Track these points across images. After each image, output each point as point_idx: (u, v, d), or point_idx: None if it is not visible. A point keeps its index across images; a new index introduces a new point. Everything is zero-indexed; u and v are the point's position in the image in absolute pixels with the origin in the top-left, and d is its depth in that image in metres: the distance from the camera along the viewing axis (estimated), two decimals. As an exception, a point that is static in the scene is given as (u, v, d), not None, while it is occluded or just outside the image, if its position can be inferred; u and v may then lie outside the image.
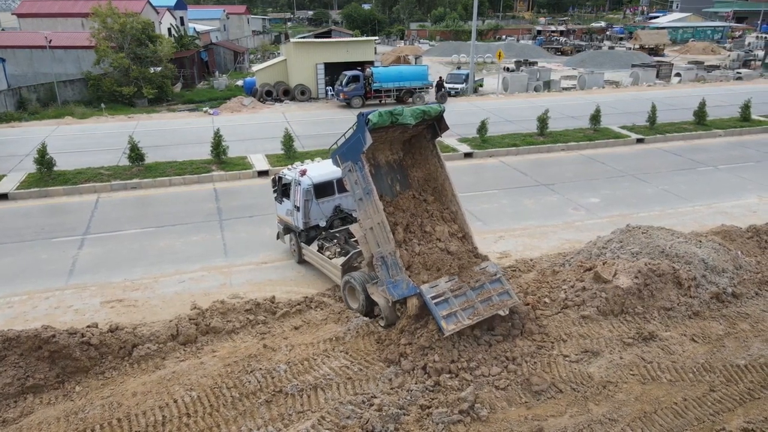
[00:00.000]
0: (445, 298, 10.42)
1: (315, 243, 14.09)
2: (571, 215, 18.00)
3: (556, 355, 10.57)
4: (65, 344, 10.07)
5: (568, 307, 11.98)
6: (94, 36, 37.73)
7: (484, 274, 11.02)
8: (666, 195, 19.61)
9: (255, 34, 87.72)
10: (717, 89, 40.53)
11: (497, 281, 11.03)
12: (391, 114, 10.73)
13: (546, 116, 26.02)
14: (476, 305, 10.54)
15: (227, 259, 15.15)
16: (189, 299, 13.11)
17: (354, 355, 10.77)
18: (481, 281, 10.86)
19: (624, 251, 13.39)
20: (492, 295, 10.77)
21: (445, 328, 10.11)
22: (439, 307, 10.28)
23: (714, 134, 27.23)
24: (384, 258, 10.99)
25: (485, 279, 10.93)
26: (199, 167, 21.91)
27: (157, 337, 11.04)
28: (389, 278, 10.95)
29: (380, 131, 10.98)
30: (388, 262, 10.89)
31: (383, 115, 10.60)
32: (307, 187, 13.68)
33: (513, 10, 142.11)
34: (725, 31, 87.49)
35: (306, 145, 25.30)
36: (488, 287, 10.85)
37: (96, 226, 17.25)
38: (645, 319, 11.59)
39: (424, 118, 11.20)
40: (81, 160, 22.98)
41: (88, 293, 13.42)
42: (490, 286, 10.89)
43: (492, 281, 10.98)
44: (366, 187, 10.88)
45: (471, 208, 18.43)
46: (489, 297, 10.74)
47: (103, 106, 34.74)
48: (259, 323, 11.88)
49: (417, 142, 12.12)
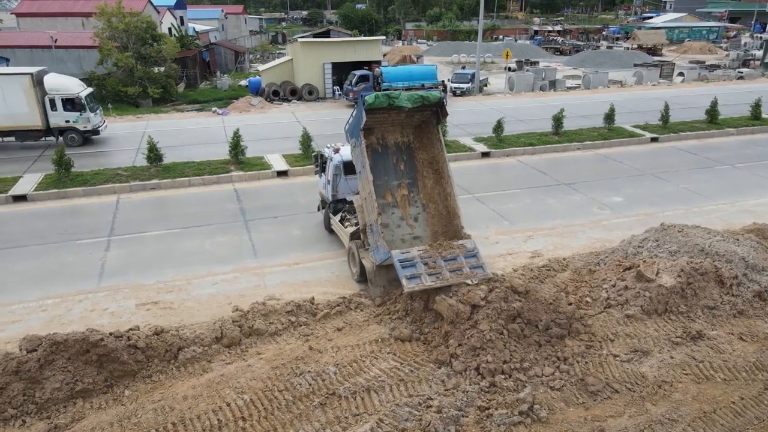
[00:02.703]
0: (413, 262, 11.43)
1: (340, 215, 15.32)
2: (597, 214, 17.99)
3: (606, 355, 10.52)
4: (113, 347, 9.89)
5: (612, 306, 11.95)
6: (98, 35, 37.32)
7: (460, 248, 11.89)
8: (688, 193, 19.65)
9: (252, 34, 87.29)
10: (721, 88, 40.77)
11: (473, 256, 11.83)
12: (388, 97, 12.06)
13: (561, 115, 26.02)
14: (443, 272, 11.41)
15: (258, 260, 14.99)
16: (225, 301, 12.96)
17: (402, 356, 10.67)
18: (455, 253, 11.74)
19: (661, 250, 13.38)
20: (463, 266, 11.60)
21: (405, 287, 11.16)
22: (406, 270, 11.31)
23: (726, 133, 27.37)
24: (371, 226, 12.19)
25: (459, 252, 11.79)
26: (218, 167, 21.70)
27: (201, 340, 10.87)
28: (374, 244, 12.13)
29: (380, 113, 12.31)
30: (374, 229, 12.06)
31: (380, 97, 11.98)
32: (337, 163, 14.99)
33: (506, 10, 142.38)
34: (720, 31, 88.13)
35: (320, 144, 25.07)
36: (461, 260, 11.69)
37: (120, 228, 17.02)
38: (690, 318, 11.58)
39: (424, 104, 12.42)
40: (96, 161, 22.70)
41: (121, 295, 13.22)
42: (464, 259, 11.72)
43: (467, 255, 11.79)
44: (362, 161, 12.19)
45: (496, 208, 18.40)
46: (459, 268, 11.57)
47: (110, 106, 34.36)
48: (301, 325, 11.74)
49: (425, 127, 13.37)
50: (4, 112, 23.99)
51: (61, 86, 24.92)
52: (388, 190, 13.30)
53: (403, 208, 13.35)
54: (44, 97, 24.45)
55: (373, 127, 13.20)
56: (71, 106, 24.68)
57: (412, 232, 13.17)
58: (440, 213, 13.35)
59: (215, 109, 34.87)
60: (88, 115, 25.14)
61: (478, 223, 16.94)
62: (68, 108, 24.64)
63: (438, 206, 13.38)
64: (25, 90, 24.04)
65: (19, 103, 23.95)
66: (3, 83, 23.87)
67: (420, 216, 13.36)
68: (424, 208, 13.42)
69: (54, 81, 25.01)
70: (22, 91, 23.99)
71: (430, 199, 13.47)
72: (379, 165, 13.26)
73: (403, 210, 13.34)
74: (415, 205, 13.43)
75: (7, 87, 23.86)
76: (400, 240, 13.01)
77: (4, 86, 23.85)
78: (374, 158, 13.14)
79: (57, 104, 24.50)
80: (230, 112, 34.57)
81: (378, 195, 12.65)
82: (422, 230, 13.23)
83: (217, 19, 75.55)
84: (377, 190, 12.69)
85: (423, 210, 13.41)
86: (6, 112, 23.98)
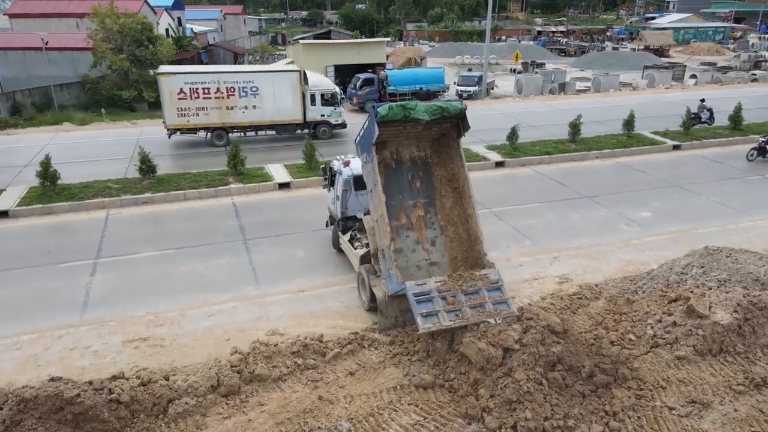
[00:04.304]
0: (430, 297, 10.19)
1: (349, 233, 14.18)
2: (626, 231, 16.64)
3: (661, 408, 9.16)
4: (91, 404, 8.51)
5: (659, 345, 10.58)
6: (92, 37, 35.97)
7: (482, 280, 10.59)
8: (721, 208, 18.30)
9: (252, 34, 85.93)
10: (736, 91, 39.43)
11: (497, 289, 10.58)
12: (404, 108, 10.77)
13: (578, 122, 24.65)
14: (463, 309, 10.17)
15: (259, 286, 13.61)
16: (222, 336, 11.58)
17: (425, 408, 9.31)
18: (477, 286, 10.45)
19: (709, 278, 12.03)
20: (486, 302, 10.33)
21: (420, 326, 9.91)
22: (421, 305, 10.06)
23: (752, 140, 25.95)
24: (383, 251, 10.98)
25: (482, 284, 10.51)
26: (215, 179, 20.30)
27: (195, 389, 9.48)
28: (386, 272, 10.91)
29: (394, 125, 11.07)
30: (386, 255, 10.83)
31: (394, 109, 10.70)
32: (347, 177, 13.88)
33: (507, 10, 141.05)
34: (726, 31, 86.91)
35: (324, 154, 23.77)
36: (484, 293, 10.43)
37: (108, 248, 15.64)
38: (748, 360, 10.20)
39: (443, 115, 11.11)
40: (85, 172, 21.29)
41: (106, 330, 11.83)
42: (486, 293, 10.46)
43: (490, 289, 10.53)
44: (374, 179, 11.00)
45: (516, 224, 17.05)
46: (481, 303, 10.31)
47: (104, 111, 33.01)
48: (308, 368, 10.36)
49: (444, 140, 12.10)
50: (272, 106, 25.62)
51: (321, 83, 26.91)
52: (402, 210, 11.92)
53: (418, 231, 11.97)
54: (305, 93, 26.16)
55: (387, 140, 11.87)
56: (327, 102, 26.46)
57: (428, 258, 11.79)
58: (460, 237, 11.97)
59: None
60: (340, 110, 27.12)
61: (499, 243, 15.59)
62: (325, 103, 26.42)
63: (458, 229, 12.00)
64: (293, 87, 25.82)
65: (285, 98, 25.71)
66: (275, 80, 25.60)
67: (437, 240, 11.98)
68: (442, 230, 12.04)
69: (315, 78, 27.03)
70: (290, 88, 25.77)
71: (449, 221, 12.09)
72: (393, 182, 11.90)
73: (419, 233, 11.95)
74: (432, 227, 12.04)
75: (278, 84, 25.56)
76: (416, 267, 11.64)
77: (275, 83, 25.52)
78: (387, 175, 11.83)
79: (316, 100, 26.27)
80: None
81: (391, 216, 11.35)
82: (440, 256, 11.85)
83: (215, 20, 74.27)
84: (390, 210, 11.34)
85: (441, 233, 12.02)
86: (274, 106, 25.64)
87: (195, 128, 25.47)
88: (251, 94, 25.12)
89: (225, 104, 25.03)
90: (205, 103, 24.78)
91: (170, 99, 24.44)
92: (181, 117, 24.82)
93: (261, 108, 25.48)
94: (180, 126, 25.16)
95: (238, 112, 25.28)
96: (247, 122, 25.74)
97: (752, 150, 23.16)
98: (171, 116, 24.78)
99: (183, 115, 24.77)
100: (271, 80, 25.49)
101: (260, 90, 25.22)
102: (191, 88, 24.44)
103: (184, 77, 24.68)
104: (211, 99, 24.78)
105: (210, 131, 25.66)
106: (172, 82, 24.41)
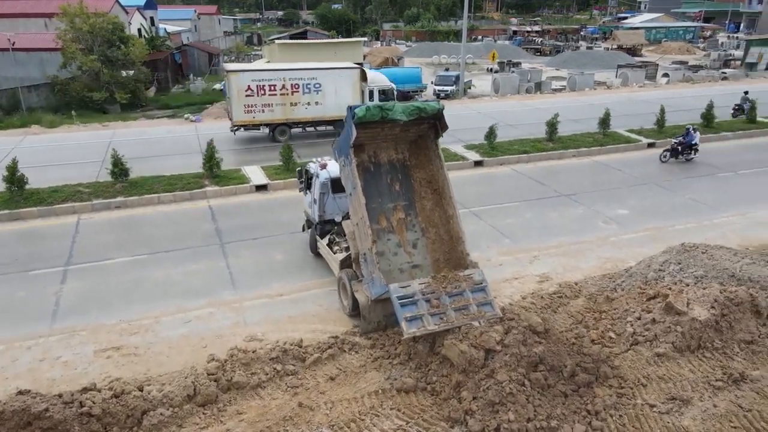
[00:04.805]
0: (415, 300, 10.08)
1: (328, 237, 13.97)
2: (604, 229, 16.74)
3: (642, 405, 9.17)
4: (61, 418, 8.19)
5: (639, 343, 10.62)
6: (61, 37, 35.06)
7: (466, 281, 10.49)
8: (695, 204, 18.55)
9: (227, 35, 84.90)
10: (708, 90, 40.19)
11: (481, 290, 10.51)
12: (381, 109, 10.64)
13: (556, 121, 24.79)
14: (448, 312, 10.08)
15: (236, 291, 13.33)
16: (199, 343, 11.30)
17: (408, 412, 9.18)
18: (461, 288, 10.35)
19: (686, 274, 12.14)
20: (470, 304, 10.25)
21: (404, 331, 9.81)
22: (405, 309, 9.94)
23: (723, 137, 26.50)
24: (365, 255, 10.84)
25: (466, 286, 10.41)
26: (191, 182, 19.88)
27: (170, 399, 9.20)
28: (368, 276, 10.77)
29: (372, 127, 10.94)
30: (368, 259, 10.68)
31: (371, 109, 10.55)
32: (324, 180, 13.62)
33: (482, 10, 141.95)
34: (696, 31, 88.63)
35: (302, 155, 23.49)
36: (468, 295, 10.34)
37: (79, 255, 15.17)
38: (726, 355, 10.31)
39: (421, 116, 11.00)
40: (55, 176, 20.66)
41: (77, 340, 11.44)
42: (471, 294, 10.37)
43: (474, 290, 10.45)
44: (353, 182, 10.88)
45: (496, 224, 17.04)
46: (466, 305, 10.23)
47: (74, 113, 32.19)
48: (288, 374, 10.15)
49: (422, 142, 12.01)
50: (333, 102, 26.11)
51: (379, 80, 28.12)
52: (382, 213, 11.79)
53: (399, 234, 11.84)
54: (364, 89, 26.95)
55: (365, 143, 11.77)
56: (384, 97, 27.31)
57: (410, 261, 11.68)
58: (441, 238, 11.88)
59: (188, 115, 32.86)
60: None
61: (479, 242, 15.53)
62: (382, 98, 27.12)
63: (439, 230, 11.91)
64: (353, 83, 26.55)
65: (346, 94, 26.22)
66: (337, 76, 26.28)
67: (419, 242, 11.87)
68: (423, 233, 11.93)
69: (373, 75, 28.35)
70: (350, 84, 26.46)
71: (430, 223, 11.99)
72: (372, 186, 11.77)
73: (400, 236, 11.83)
74: (413, 230, 11.93)
75: (340, 80, 26.29)
76: (398, 270, 11.50)
77: (337, 79, 26.24)
78: (366, 178, 11.69)
79: (375, 95, 27.11)
80: (204, 118, 32.66)
81: (371, 219, 11.17)
82: (422, 258, 11.74)
83: (189, 20, 73.16)
84: (370, 213, 11.17)
85: (422, 235, 11.92)
86: (335, 102, 26.03)
87: (259, 124, 25.95)
88: (314, 90, 25.89)
89: (289, 101, 25.70)
90: (271, 100, 25.44)
91: (238, 96, 24.95)
92: (248, 113, 25.29)
93: (323, 104, 26.17)
94: (246, 122, 25.60)
95: (301, 108, 25.97)
96: (309, 118, 26.39)
97: (665, 151, 23.10)
98: (238, 113, 25.20)
99: (249, 111, 25.25)
100: (333, 77, 26.21)
101: (323, 87, 25.94)
102: (258, 85, 25.09)
103: (251, 75, 25.37)
104: (276, 96, 25.43)
105: (273, 127, 26.22)
106: (241, 79, 24.96)
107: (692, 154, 22.93)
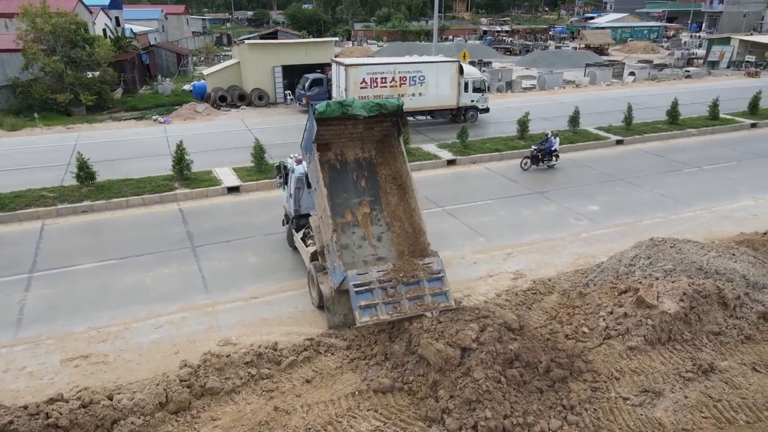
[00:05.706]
0: (371, 288, 10.21)
1: (302, 231, 14.11)
2: (575, 226, 16.97)
3: (616, 398, 9.31)
4: (26, 431, 7.89)
5: (612, 337, 10.78)
6: (22, 38, 33.93)
7: (424, 270, 10.60)
8: (663, 199, 18.95)
9: (195, 35, 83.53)
10: (672, 88, 41.16)
11: (437, 279, 10.62)
12: (341, 105, 10.87)
13: (527, 119, 25.08)
14: (402, 302, 10.24)
15: (209, 295, 13.09)
16: (171, 349, 11.05)
17: (385, 412, 9.13)
18: (418, 277, 10.47)
19: (656, 269, 12.35)
20: (425, 294, 10.41)
21: (357, 319, 10.03)
22: (360, 297, 10.09)
23: (688, 134, 27.16)
24: (328, 246, 10.99)
25: (424, 275, 10.52)
26: (160, 185, 19.46)
27: (142, 408, 8.97)
28: (331, 266, 10.94)
29: (335, 124, 11.22)
30: (329, 249, 10.84)
31: (332, 105, 10.82)
32: (300, 175, 13.80)
33: (452, 10, 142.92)
34: (660, 30, 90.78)
35: (274, 156, 23.21)
36: (424, 284, 10.47)
37: (44, 261, 14.70)
38: (695, 347, 10.54)
39: (381, 112, 11.22)
40: (17, 180, 20.01)
41: (43, 349, 11.08)
42: (427, 283, 10.50)
43: (431, 279, 10.57)
44: (316, 176, 11.15)
45: (469, 222, 17.12)
46: (421, 295, 10.39)
47: (36, 116, 31.21)
48: (263, 378, 10.01)
49: (387, 141, 12.29)
50: (434, 93, 28.41)
51: (473, 72, 30.08)
52: (347, 208, 11.98)
53: (365, 228, 11.93)
54: (460, 81, 28.83)
55: (330, 141, 12.00)
56: (477, 89, 29.40)
57: (375, 253, 11.78)
58: (406, 231, 12.01)
59: (156, 117, 32.22)
60: (486, 96, 30.09)
61: (453, 240, 15.60)
62: (475, 90, 29.34)
63: (403, 224, 12.06)
64: (452, 75, 28.54)
65: (445, 86, 28.45)
66: (438, 69, 28.29)
67: (384, 236, 12.01)
68: (388, 227, 12.07)
69: (468, 68, 30.19)
70: (449, 76, 28.46)
71: (395, 217, 12.13)
72: (338, 183, 11.99)
73: (365, 229, 11.92)
74: (378, 224, 12.07)
75: (441, 73, 28.27)
76: (362, 262, 11.62)
77: (438, 72, 28.21)
78: (332, 176, 11.95)
79: (469, 87, 29.18)
80: (173, 120, 32.03)
81: (337, 214, 11.51)
82: (387, 251, 11.87)
83: (156, 20, 71.69)
84: (336, 209, 11.52)
85: (387, 229, 12.05)
86: (435, 93, 28.45)
87: None
88: (419, 82, 27.85)
89: (397, 92, 27.18)
90: (381, 92, 26.88)
91: (354, 88, 26.86)
92: None
93: (425, 95, 28.17)
94: None
95: (406, 99, 26.81)
96: (413, 108, 27.31)
97: (525, 159, 22.06)
98: None
99: None
100: (436, 70, 28.14)
101: (426, 79, 27.88)
102: (372, 78, 27.15)
103: (366, 68, 27.53)
104: (386, 87, 27.30)
105: None
106: (357, 73, 27.03)
107: (553, 160, 22.04)
